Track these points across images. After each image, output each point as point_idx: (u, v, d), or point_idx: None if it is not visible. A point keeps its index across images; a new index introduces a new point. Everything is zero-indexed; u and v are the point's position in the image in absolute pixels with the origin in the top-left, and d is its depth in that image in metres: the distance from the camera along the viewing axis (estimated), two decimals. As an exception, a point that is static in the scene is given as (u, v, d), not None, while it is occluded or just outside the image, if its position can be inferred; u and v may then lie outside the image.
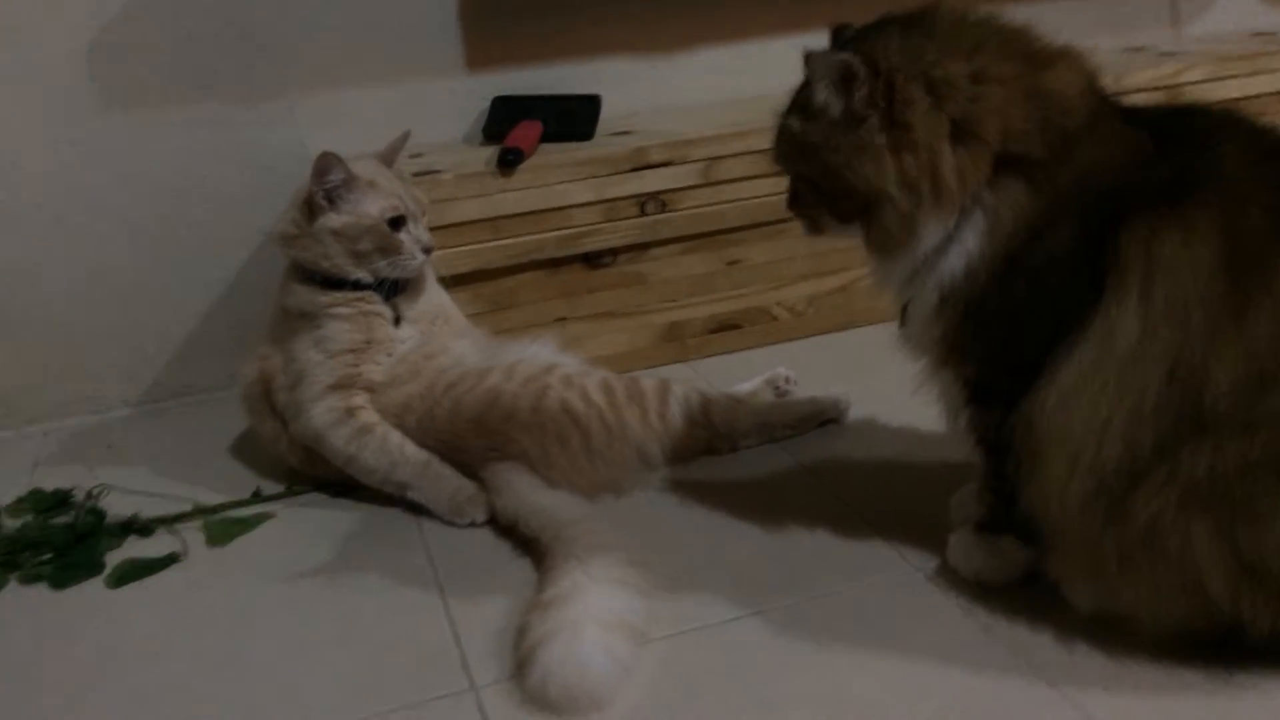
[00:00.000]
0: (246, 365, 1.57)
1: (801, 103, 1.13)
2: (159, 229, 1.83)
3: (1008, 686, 1.05)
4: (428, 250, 1.51)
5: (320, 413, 1.45)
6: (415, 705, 1.10)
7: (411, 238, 1.50)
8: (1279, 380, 0.97)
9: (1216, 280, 0.98)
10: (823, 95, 1.09)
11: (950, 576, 1.21)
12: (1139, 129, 1.08)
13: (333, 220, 1.47)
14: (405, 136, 1.61)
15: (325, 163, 1.46)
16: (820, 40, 1.18)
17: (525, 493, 1.37)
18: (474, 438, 1.44)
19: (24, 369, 1.82)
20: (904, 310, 1.16)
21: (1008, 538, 1.18)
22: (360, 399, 1.48)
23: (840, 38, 1.16)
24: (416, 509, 1.45)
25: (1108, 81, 1.12)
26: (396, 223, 1.49)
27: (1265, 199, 1.00)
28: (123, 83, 1.76)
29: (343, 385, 1.47)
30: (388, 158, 1.58)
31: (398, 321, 1.54)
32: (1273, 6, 2.31)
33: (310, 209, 1.49)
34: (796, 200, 1.19)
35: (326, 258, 1.49)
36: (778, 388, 1.65)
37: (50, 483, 1.61)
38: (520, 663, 1.11)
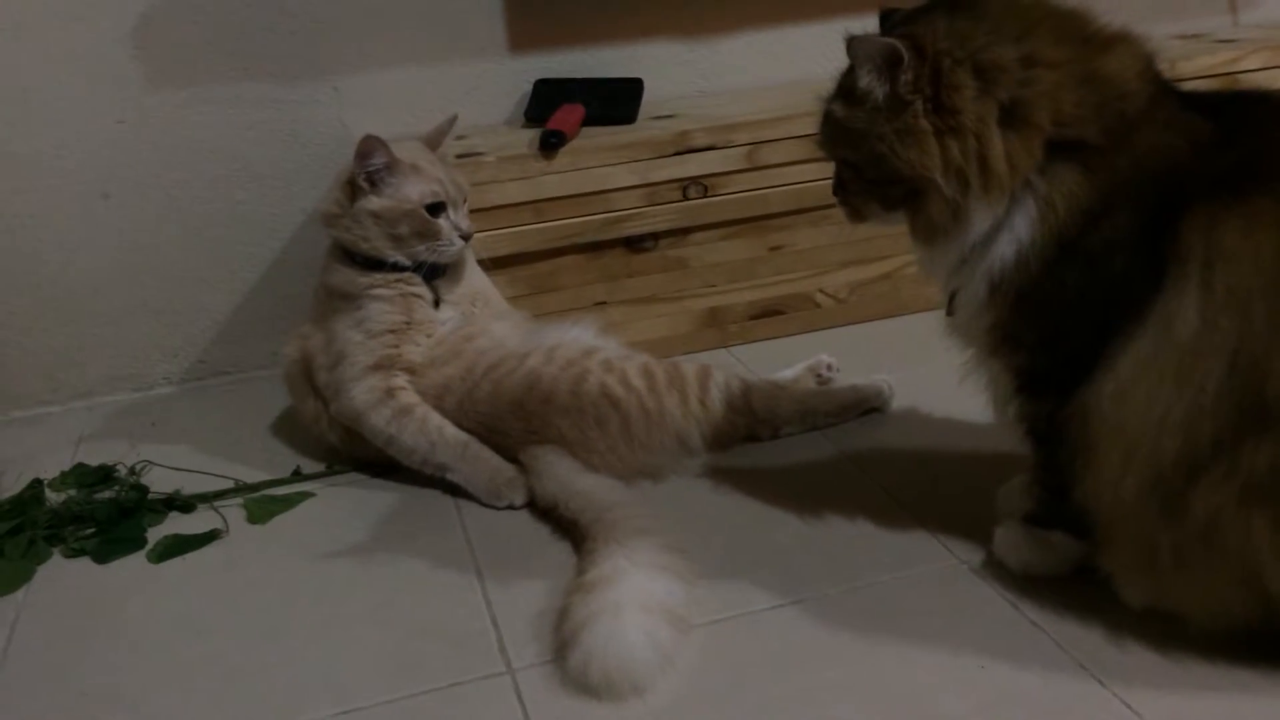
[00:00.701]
0: (288, 344, 1.58)
1: (846, 87, 1.11)
2: (203, 207, 1.84)
3: (1055, 681, 1.03)
4: (466, 237, 1.51)
5: (361, 393, 1.45)
6: (451, 686, 1.09)
7: (450, 224, 1.49)
8: None
9: None
10: (866, 79, 1.07)
11: (997, 569, 1.19)
12: (1199, 115, 1.05)
13: (373, 203, 1.47)
14: (452, 120, 1.60)
15: (368, 146, 1.45)
16: (865, 24, 1.15)
17: (565, 476, 1.36)
18: (513, 420, 1.43)
19: (69, 344, 1.84)
20: (951, 299, 1.14)
21: (1057, 532, 1.15)
22: (400, 380, 1.47)
23: (888, 21, 1.14)
24: (455, 491, 1.45)
25: (1164, 67, 1.09)
26: (436, 208, 1.48)
27: None
28: (169, 62, 1.76)
29: (383, 366, 1.47)
30: (433, 141, 1.57)
31: (437, 303, 1.53)
32: (1335, -8, 2.25)
33: (352, 190, 1.49)
34: (841, 187, 1.17)
35: (366, 239, 1.48)
36: (819, 375, 1.63)
37: (94, 458, 1.62)
38: (561, 645, 1.10)
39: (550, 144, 1.68)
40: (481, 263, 1.65)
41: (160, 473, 1.56)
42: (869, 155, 1.09)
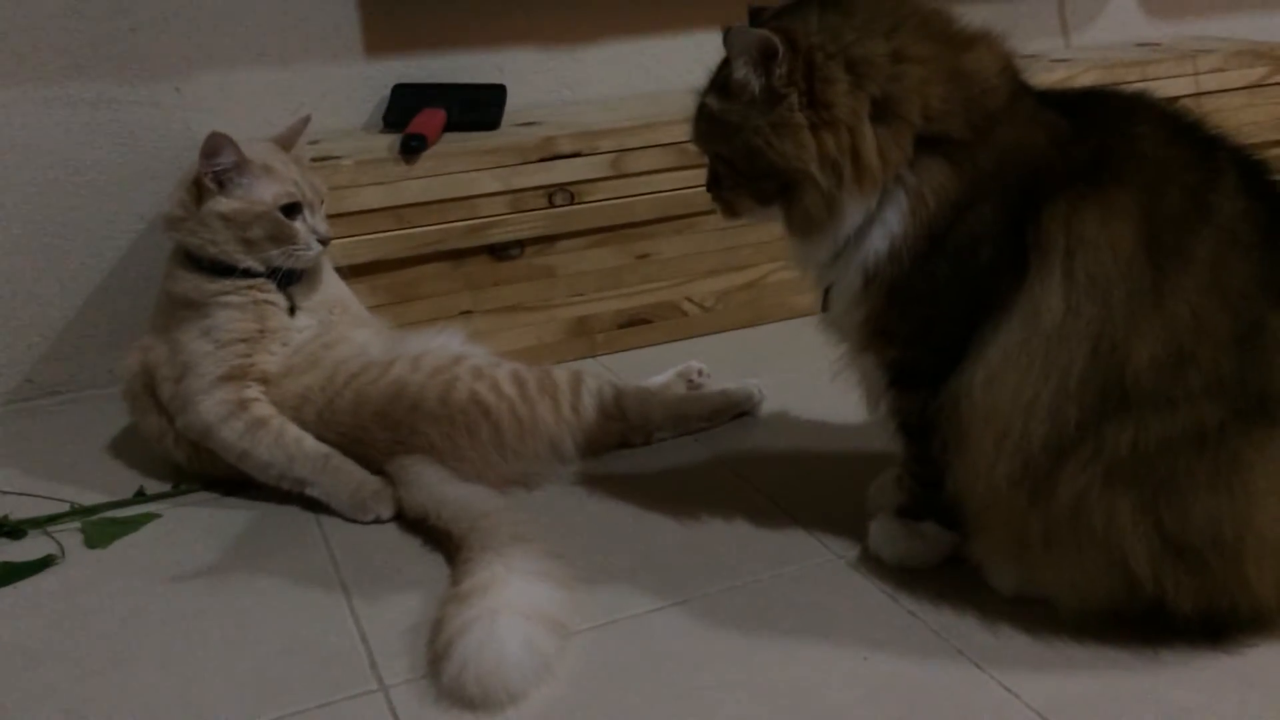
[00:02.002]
0: (127, 357, 1.47)
1: (721, 81, 1.11)
2: (30, 215, 1.71)
3: (935, 668, 1.04)
4: (324, 241, 1.44)
5: (210, 406, 1.37)
6: (321, 706, 1.03)
7: (307, 227, 1.43)
8: (1197, 358, 0.98)
9: (1136, 258, 0.99)
10: (742, 72, 1.07)
11: (873, 563, 1.20)
12: (1056, 109, 1.08)
13: (221, 204, 1.39)
14: (305, 120, 1.53)
15: (215, 143, 1.37)
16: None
17: (436, 485, 1.31)
18: (379, 430, 1.37)
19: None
20: (826, 294, 1.15)
21: (929, 523, 1.17)
22: (254, 391, 1.39)
23: (759, 18, 1.15)
24: (316, 506, 1.37)
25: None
26: (291, 210, 1.41)
27: (1183, 179, 1.02)
28: (-9, 57, 1.64)
29: (234, 376, 1.39)
30: (286, 141, 1.50)
31: (293, 311, 1.46)
32: (1154, 18, 2.40)
33: (198, 191, 1.40)
34: (716, 182, 1.16)
35: (214, 243, 1.40)
36: (690, 380, 1.62)
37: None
38: (436, 656, 1.05)
39: (411, 148, 1.63)
40: (340, 270, 1.58)
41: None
42: (743, 149, 1.09)
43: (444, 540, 1.25)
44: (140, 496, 1.43)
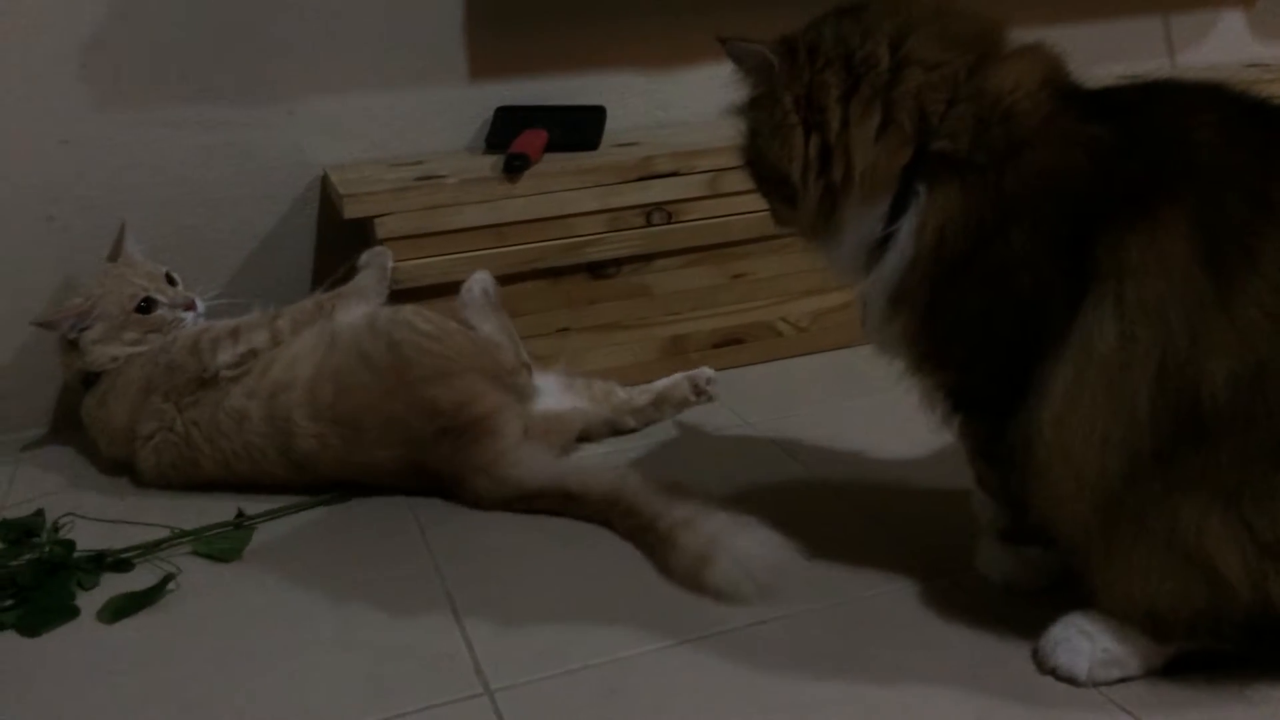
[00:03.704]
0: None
1: (742, 95, 1.14)
2: (151, 230, 1.77)
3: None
4: (189, 306, 1.60)
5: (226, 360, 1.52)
6: (426, 709, 1.04)
7: (167, 307, 1.58)
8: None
9: (1192, 274, 0.93)
10: (747, 81, 1.11)
11: (980, 583, 1.18)
12: (1106, 120, 1.00)
13: (92, 335, 1.56)
14: (122, 228, 1.65)
15: (52, 321, 1.57)
16: None
17: (543, 457, 1.41)
18: (414, 416, 1.40)
19: (19, 375, 1.76)
20: (864, 307, 1.14)
21: (1032, 547, 1.14)
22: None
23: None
24: (416, 510, 1.40)
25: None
26: (145, 305, 1.57)
27: (1244, 182, 0.95)
28: (118, 81, 1.71)
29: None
30: (114, 254, 1.64)
31: None
32: (1264, 39, 2.34)
33: (72, 345, 1.57)
34: (758, 190, 1.19)
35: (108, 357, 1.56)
36: (698, 387, 1.67)
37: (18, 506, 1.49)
38: (697, 560, 1.18)
39: (514, 167, 1.66)
40: (438, 289, 1.62)
41: (82, 525, 1.42)
42: (755, 154, 1.13)
43: (576, 506, 1.35)
44: (240, 518, 1.43)
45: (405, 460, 1.41)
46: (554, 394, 1.56)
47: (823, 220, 1.08)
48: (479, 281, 1.56)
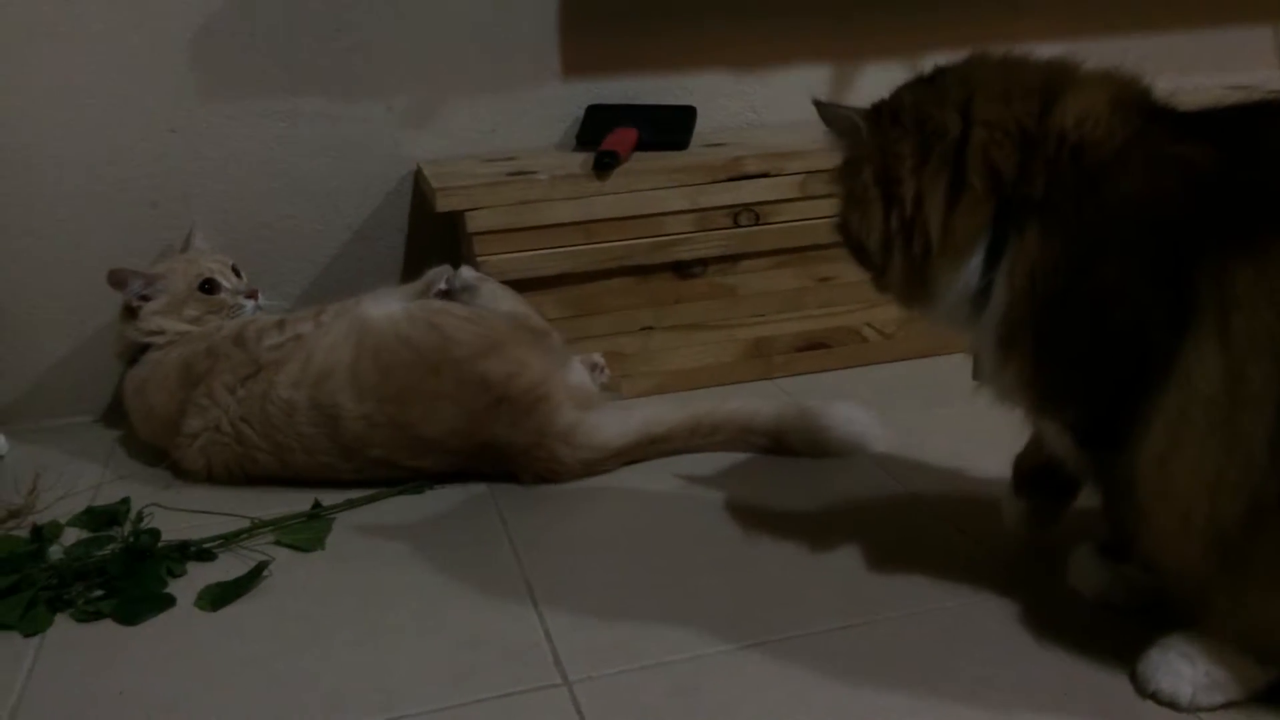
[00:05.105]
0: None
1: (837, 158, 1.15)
2: (251, 220, 1.83)
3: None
4: (251, 295, 1.66)
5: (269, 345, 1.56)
6: (504, 697, 1.05)
7: (230, 292, 1.65)
8: None
9: None
10: (839, 145, 1.11)
11: (1070, 596, 1.15)
12: (1202, 141, 0.96)
13: (154, 306, 1.63)
14: (192, 226, 1.76)
15: (119, 277, 1.62)
16: (899, 69, 1.15)
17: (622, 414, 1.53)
18: (465, 393, 1.44)
19: (104, 356, 1.82)
20: (976, 361, 1.12)
21: (1131, 566, 1.11)
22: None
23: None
24: (498, 501, 1.41)
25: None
26: (209, 286, 1.63)
27: None
28: (224, 72, 1.76)
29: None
30: (183, 248, 1.75)
31: None
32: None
33: (131, 314, 1.64)
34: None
35: (160, 330, 1.62)
36: (594, 367, 1.68)
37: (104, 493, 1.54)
38: (813, 425, 1.49)
39: (604, 164, 1.67)
40: (524, 284, 1.65)
41: (161, 515, 1.44)
42: (842, 224, 1.13)
43: (661, 444, 1.51)
44: (317, 508, 1.44)
45: (461, 437, 1.44)
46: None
47: (914, 288, 1.07)
48: (458, 272, 1.62)
